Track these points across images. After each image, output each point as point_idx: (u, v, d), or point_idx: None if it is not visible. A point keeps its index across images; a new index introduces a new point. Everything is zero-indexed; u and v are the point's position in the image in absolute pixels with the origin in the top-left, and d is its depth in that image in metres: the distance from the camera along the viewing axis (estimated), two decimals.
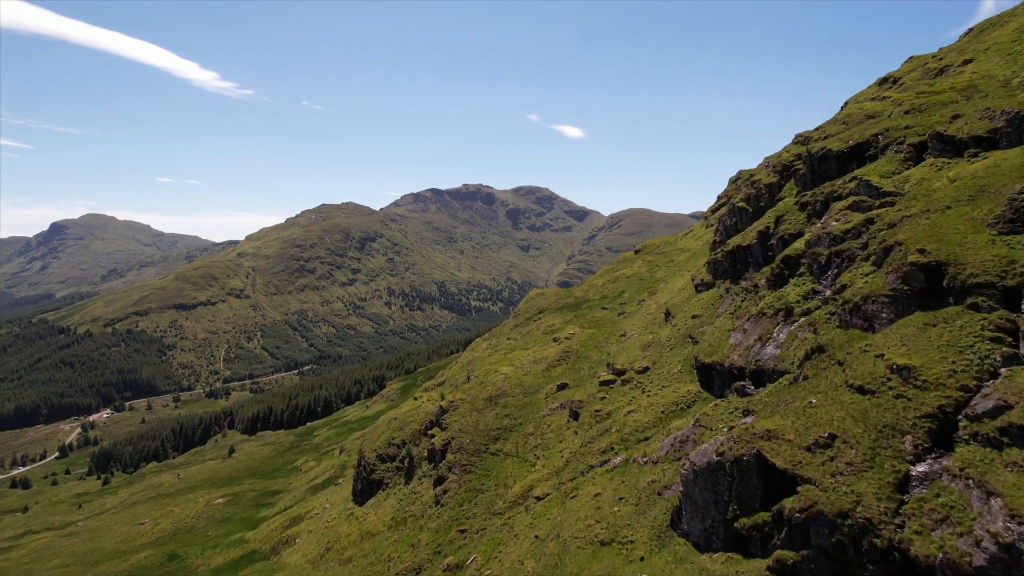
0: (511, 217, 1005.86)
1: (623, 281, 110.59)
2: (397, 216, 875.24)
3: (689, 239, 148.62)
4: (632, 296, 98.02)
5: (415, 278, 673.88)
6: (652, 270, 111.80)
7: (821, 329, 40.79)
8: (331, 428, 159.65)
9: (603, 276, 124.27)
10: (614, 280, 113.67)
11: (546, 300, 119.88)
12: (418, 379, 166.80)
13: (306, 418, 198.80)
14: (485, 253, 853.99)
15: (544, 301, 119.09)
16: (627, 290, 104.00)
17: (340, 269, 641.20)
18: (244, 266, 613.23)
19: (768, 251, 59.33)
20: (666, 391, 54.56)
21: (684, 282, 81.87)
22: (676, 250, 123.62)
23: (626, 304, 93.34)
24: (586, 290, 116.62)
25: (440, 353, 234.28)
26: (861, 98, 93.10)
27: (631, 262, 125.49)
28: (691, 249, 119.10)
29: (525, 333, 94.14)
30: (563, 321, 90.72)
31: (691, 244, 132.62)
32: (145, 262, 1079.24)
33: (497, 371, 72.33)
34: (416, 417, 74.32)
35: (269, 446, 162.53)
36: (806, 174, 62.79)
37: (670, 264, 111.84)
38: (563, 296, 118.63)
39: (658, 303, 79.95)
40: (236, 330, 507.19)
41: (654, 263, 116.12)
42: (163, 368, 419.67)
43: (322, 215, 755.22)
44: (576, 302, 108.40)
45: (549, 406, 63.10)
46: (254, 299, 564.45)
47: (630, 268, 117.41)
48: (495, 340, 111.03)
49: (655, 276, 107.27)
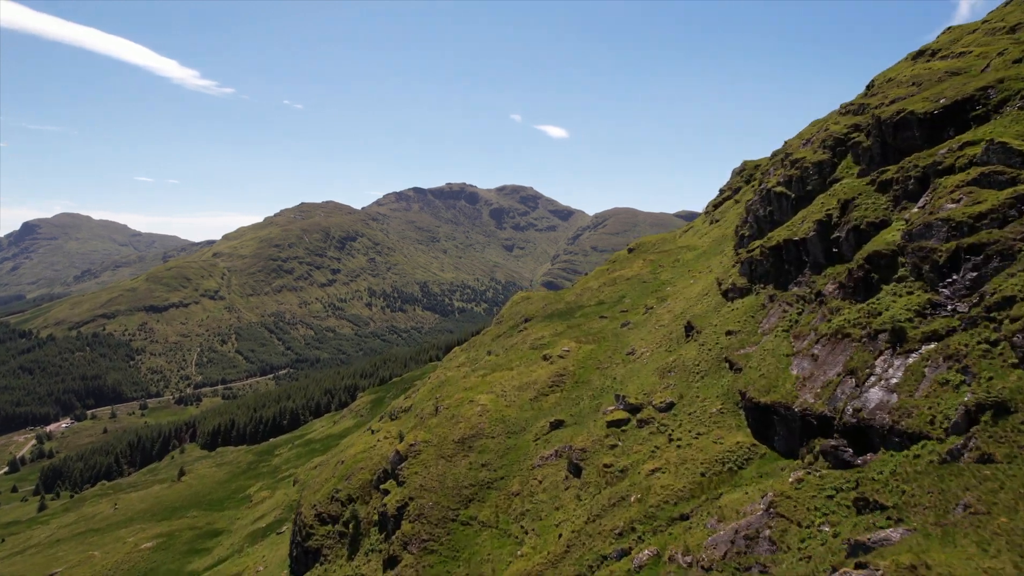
0: (495, 217, 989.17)
1: (622, 284, 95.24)
2: (379, 215, 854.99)
3: (691, 236, 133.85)
4: (635, 302, 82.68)
5: (397, 278, 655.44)
6: (655, 271, 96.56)
7: (980, 368, 25.49)
8: (293, 447, 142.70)
9: (598, 278, 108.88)
10: (611, 282, 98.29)
11: (533, 305, 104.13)
12: (391, 390, 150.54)
13: (270, 432, 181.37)
14: (469, 253, 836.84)
15: (531, 307, 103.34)
16: (628, 295, 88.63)
17: (319, 269, 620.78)
18: (219, 266, 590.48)
19: (833, 246, 44.20)
20: (703, 441, 39.13)
21: (704, 286, 66.62)
22: (679, 248, 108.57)
23: (629, 312, 77.91)
24: (579, 294, 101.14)
25: (418, 360, 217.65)
26: (903, 70, 78.38)
27: (628, 262, 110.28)
28: (697, 247, 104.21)
29: (509, 347, 78.37)
30: (554, 333, 75.09)
31: (695, 241, 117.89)
32: (120, 262, 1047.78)
33: (473, 401, 56.55)
34: (368, 462, 58.43)
35: (224, 467, 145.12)
36: (873, 147, 47.80)
37: (676, 264, 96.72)
38: (552, 301, 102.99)
39: (673, 312, 64.60)
40: (209, 333, 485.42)
41: (656, 263, 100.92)
42: (130, 373, 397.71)
43: (301, 214, 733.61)
44: (568, 308, 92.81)
45: (540, 453, 47.41)
46: (229, 300, 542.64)
47: (629, 269, 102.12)
48: (474, 352, 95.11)
49: (659, 278, 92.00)
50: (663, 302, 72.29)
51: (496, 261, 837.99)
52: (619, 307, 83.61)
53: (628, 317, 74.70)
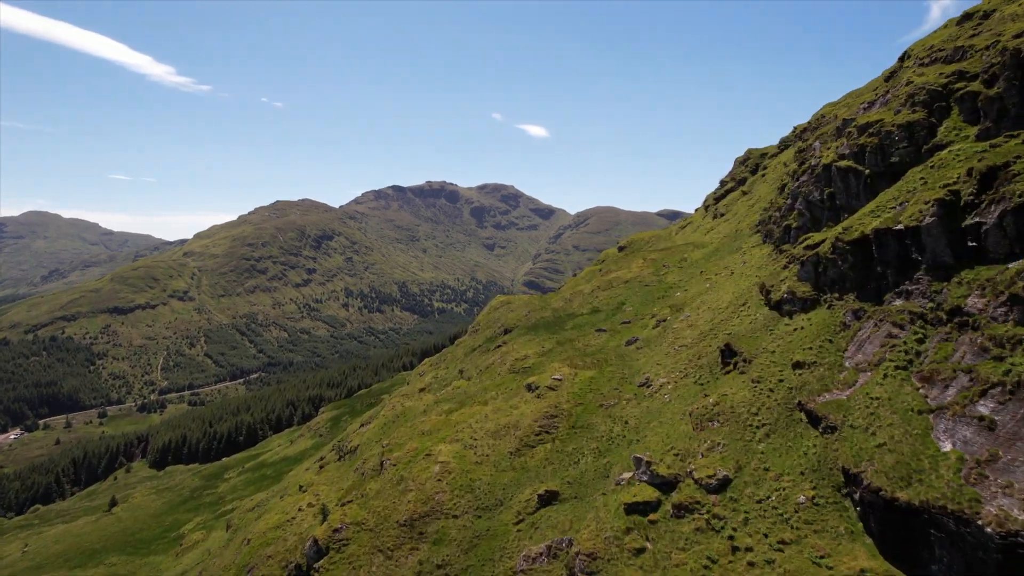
0: (476, 215, 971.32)
1: (620, 288, 79.74)
2: (357, 214, 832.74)
3: (691, 232, 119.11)
4: (639, 310, 67.26)
5: (375, 278, 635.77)
6: (659, 272, 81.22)
7: None
8: (244, 471, 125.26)
9: (590, 280, 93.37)
10: (607, 286, 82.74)
11: (514, 312, 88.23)
12: (355, 405, 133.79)
13: (225, 450, 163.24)
14: (449, 252, 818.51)
15: (511, 314, 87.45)
16: (629, 301, 73.19)
17: (294, 269, 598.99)
18: (189, 266, 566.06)
19: (968, 237, 29.00)
20: (794, 557, 23.44)
21: (736, 293, 51.25)
22: (682, 246, 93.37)
23: (633, 324, 62.42)
24: (568, 299, 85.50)
25: (390, 367, 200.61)
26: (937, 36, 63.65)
27: (623, 262, 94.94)
28: (704, 244, 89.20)
29: (484, 367, 62.48)
30: (540, 351, 59.36)
31: (699, 238, 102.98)
32: (90, 262, 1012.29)
33: (430, 455, 40.73)
34: (280, 545, 42.26)
35: (165, 494, 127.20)
36: (1006, 94, 32.67)
37: (683, 264, 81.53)
38: (537, 307, 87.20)
39: (697, 328, 49.15)
40: (177, 335, 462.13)
41: (659, 263, 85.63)
42: (90, 380, 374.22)
43: (276, 212, 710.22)
44: (556, 317, 77.07)
45: (524, 549, 31.66)
46: (199, 302, 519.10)
47: (626, 270, 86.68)
48: (444, 370, 79.04)
49: (665, 281, 76.66)
50: (678, 312, 56.83)
51: (477, 260, 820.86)
52: (619, 317, 68.07)
53: (634, 331, 59.15)
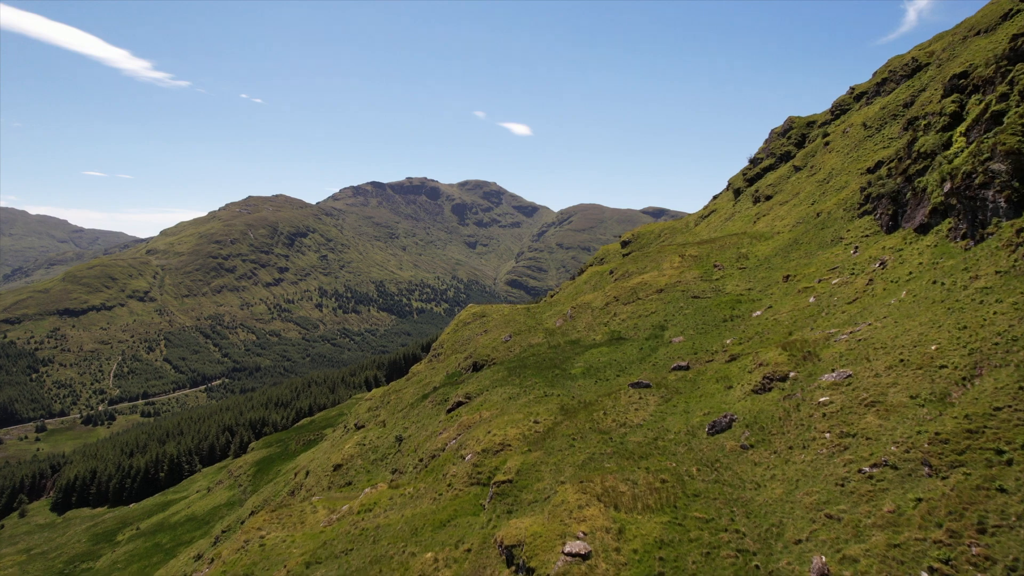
0: (457, 212, 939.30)
1: (652, 301, 50.98)
2: (334, 210, 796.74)
3: (720, 221, 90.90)
4: (697, 343, 38.84)
5: (351, 277, 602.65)
6: (710, 276, 52.68)
7: None
8: (137, 535, 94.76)
9: (597, 286, 64.49)
10: (629, 296, 53.91)
11: (489, 334, 59.14)
12: (291, 444, 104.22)
13: (141, 489, 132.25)
14: (429, 250, 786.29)
15: (485, 336, 58.37)
16: (672, 323, 44.64)
17: (265, 268, 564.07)
18: (152, 265, 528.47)
19: None
20: None
21: (954, 324, 22.51)
22: (729, 237, 64.64)
23: (696, 370, 33.60)
24: (568, 316, 56.63)
25: (350, 383, 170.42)
26: None
27: (645, 260, 65.99)
28: (766, 235, 60.67)
29: (427, 459, 33.46)
30: (532, 433, 30.49)
31: (743, 226, 74.84)
32: (56, 260, 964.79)
33: None
34: None
35: (35, 563, 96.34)
36: None
37: (744, 264, 53.06)
38: (521, 326, 58.20)
39: (890, 414, 20.16)
40: (135, 339, 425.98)
41: (704, 262, 56.96)
42: (30, 389, 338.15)
43: (248, 208, 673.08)
44: (553, 348, 48.23)
45: None
46: (161, 302, 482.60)
47: (655, 271, 57.85)
48: (374, 434, 49.93)
49: (725, 289, 48.21)
50: (806, 362, 28.15)
51: (458, 259, 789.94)
52: (663, 355, 39.42)
53: (704, 387, 30.48)
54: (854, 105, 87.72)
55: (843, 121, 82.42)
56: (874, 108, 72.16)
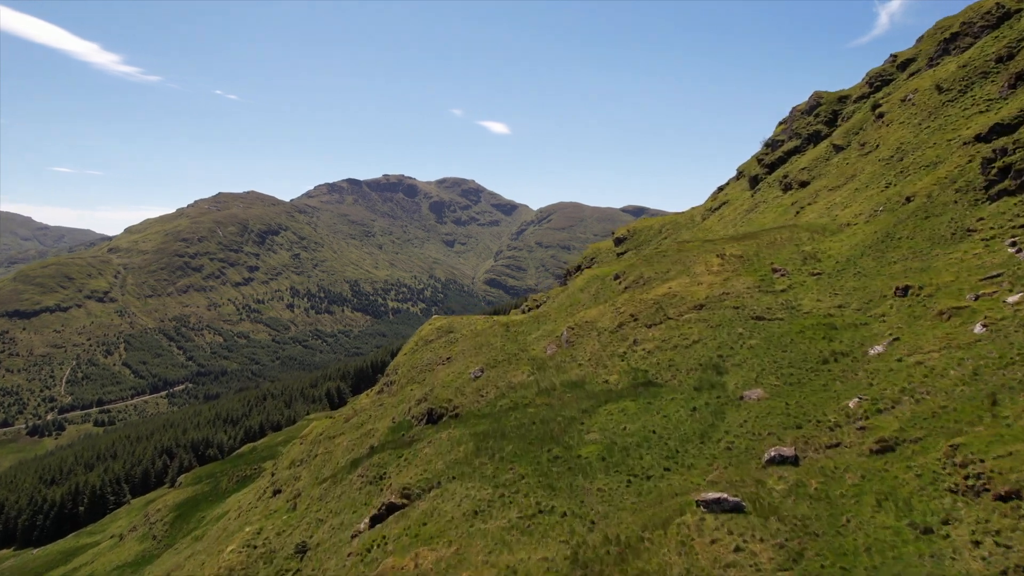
0: (435, 210, 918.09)
1: (693, 324, 34.24)
2: (308, 208, 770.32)
3: (738, 213, 74.95)
4: (803, 405, 21.99)
5: (324, 276, 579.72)
6: (772, 285, 36.01)
7: None
8: None
9: (600, 297, 47.56)
10: (653, 316, 37.10)
11: (455, 365, 42.13)
12: (222, 481, 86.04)
13: (56, 526, 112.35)
14: (406, 248, 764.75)
15: (447, 370, 41.43)
16: (733, 362, 27.92)
17: (234, 267, 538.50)
18: (113, 263, 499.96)
19: None
20: None
21: None
22: (781, 230, 48.00)
23: (835, 491, 17.00)
24: (564, 342, 39.81)
25: (308, 396, 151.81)
26: None
27: (663, 264, 48.87)
28: (830, 228, 44.29)
29: None
30: None
31: (780, 217, 58.82)
32: (18, 258, 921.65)
33: None
34: None
35: None
36: None
37: (818, 268, 36.45)
38: (498, 353, 41.34)
39: None
40: (92, 342, 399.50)
41: (757, 265, 40.24)
42: None
43: (217, 205, 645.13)
44: (544, 395, 31.38)
45: None
46: (122, 303, 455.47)
47: (687, 277, 41.02)
48: (277, 525, 32.21)
49: (801, 307, 31.57)
50: None
51: (436, 257, 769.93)
52: (747, 425, 22.74)
53: (893, 556, 13.64)
54: (899, 74, 72.30)
55: (895, 90, 66.74)
56: (948, 68, 56.55)
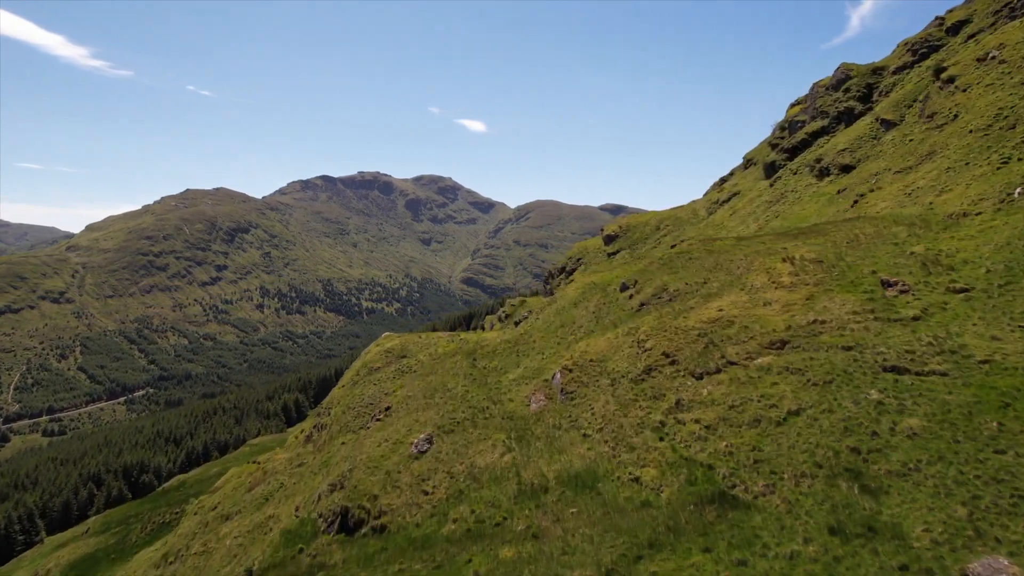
0: (411, 208, 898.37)
1: (777, 379, 20.77)
2: (280, 205, 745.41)
3: (761, 205, 62.03)
4: None
5: (296, 275, 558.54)
6: (893, 310, 22.29)
7: None
8: None
9: (608, 318, 33.73)
10: (700, 359, 23.94)
11: (388, 446, 28.72)
12: (132, 532, 70.06)
13: None
14: (381, 247, 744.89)
15: (378, 456, 27.29)
16: (908, 482, 14.15)
17: (201, 266, 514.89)
18: (71, 262, 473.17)
19: None
20: None
21: None
22: (850, 223, 34.38)
23: None
24: (560, 393, 26.52)
25: (263, 411, 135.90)
26: None
27: (693, 270, 35.01)
28: (924, 219, 30.91)
29: None
30: None
31: (821, 209, 46.00)
32: None
33: None
34: None
35: None
36: None
37: (970, 284, 22.76)
38: (462, 417, 27.61)
39: None
40: (45, 346, 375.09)
41: (846, 275, 26.55)
42: None
43: (185, 202, 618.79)
44: (535, 545, 17.48)
45: None
46: (80, 304, 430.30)
47: (745, 299, 27.24)
48: None
49: (1005, 362, 17.74)
50: None
51: (412, 256, 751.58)
52: None
53: None
54: (949, 38, 59.80)
55: (954, 53, 53.88)
56: None
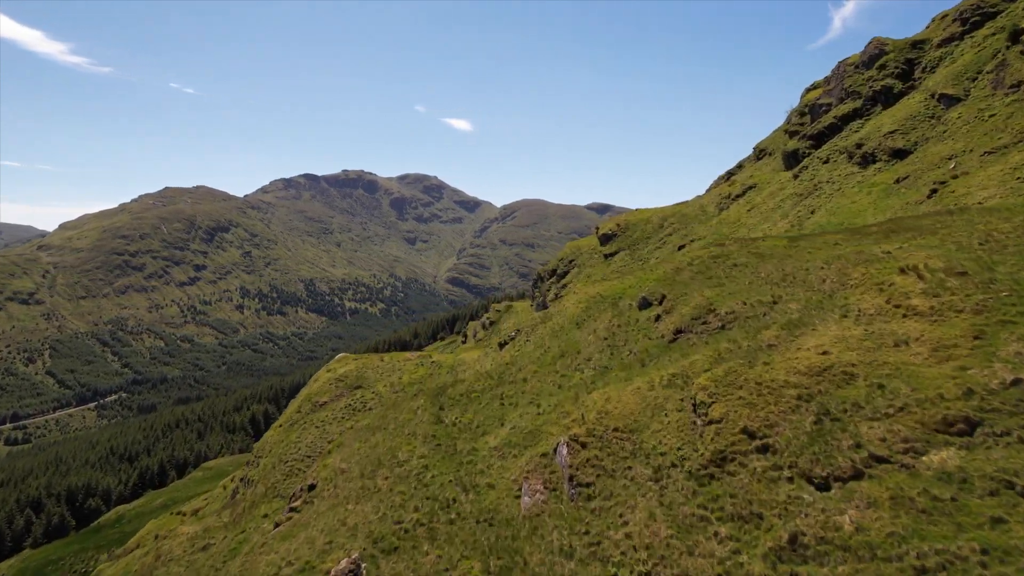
0: (396, 207, 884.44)
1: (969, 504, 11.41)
2: (262, 204, 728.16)
3: (788, 199, 53.19)
4: None
5: (277, 275, 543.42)
6: None
7: None
8: None
9: (631, 356, 25.08)
10: (823, 459, 15.04)
11: (302, 554, 18.35)
12: None
13: None
14: (366, 246, 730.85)
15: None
16: None
17: (179, 265, 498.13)
18: (42, 262, 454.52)
19: None
20: None
21: None
22: (959, 217, 25.10)
23: None
24: (568, 483, 18.36)
25: (229, 424, 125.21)
26: None
27: (747, 283, 25.95)
28: None
29: None
30: None
31: (887, 202, 36.73)
32: None
33: None
34: None
35: None
36: None
37: None
38: (413, 527, 18.40)
39: None
40: (11, 349, 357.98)
41: (1006, 302, 17.34)
42: None
43: (163, 200, 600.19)
44: None
45: None
46: (50, 305, 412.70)
47: (859, 333, 18.19)
48: None
49: None
50: None
51: (397, 255, 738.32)
52: None
53: None
54: (1007, 5, 51.24)
55: None
56: None
